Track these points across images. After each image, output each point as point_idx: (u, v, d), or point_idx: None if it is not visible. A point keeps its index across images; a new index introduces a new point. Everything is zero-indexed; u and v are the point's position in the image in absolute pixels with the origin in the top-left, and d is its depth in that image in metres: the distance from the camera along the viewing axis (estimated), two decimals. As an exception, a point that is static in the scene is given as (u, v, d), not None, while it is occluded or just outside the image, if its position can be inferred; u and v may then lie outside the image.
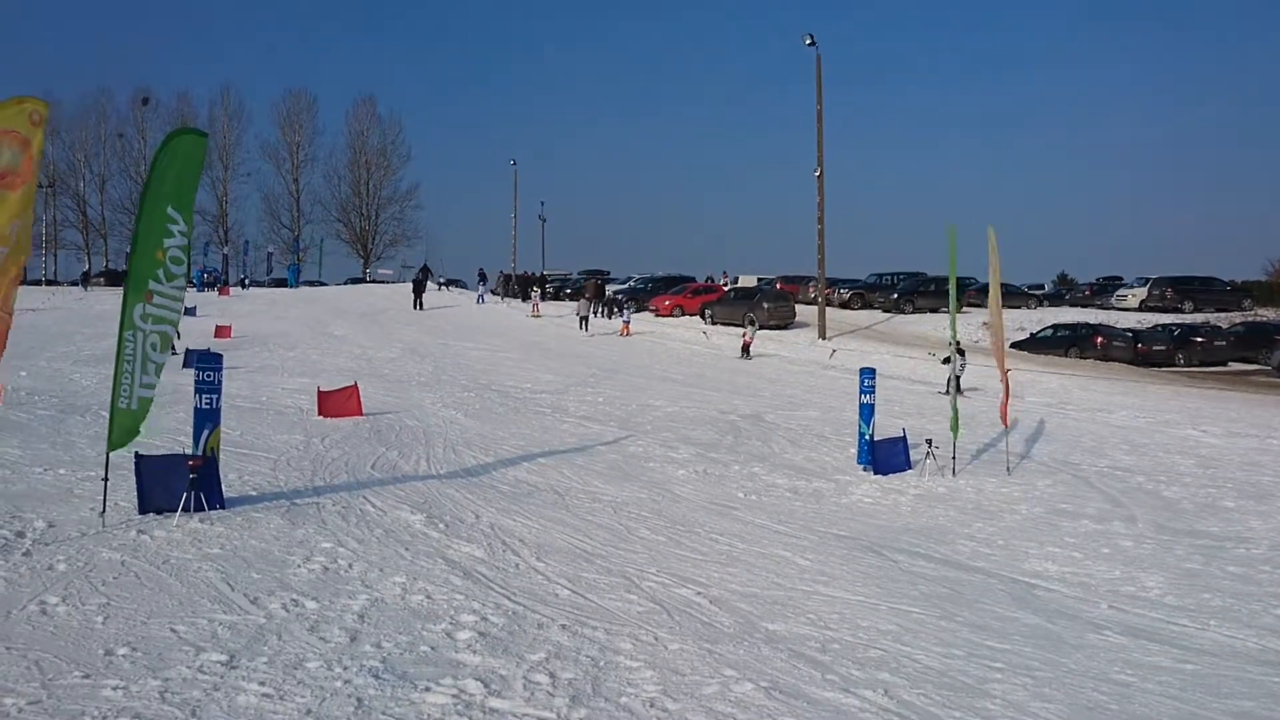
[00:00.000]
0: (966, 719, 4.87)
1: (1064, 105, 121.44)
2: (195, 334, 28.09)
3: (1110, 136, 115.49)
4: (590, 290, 39.98)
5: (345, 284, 67.25)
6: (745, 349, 29.33)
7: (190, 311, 36.61)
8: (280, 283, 66.16)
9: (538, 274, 54.45)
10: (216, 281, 57.66)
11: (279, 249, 75.55)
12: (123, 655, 5.05)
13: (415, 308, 41.88)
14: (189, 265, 8.89)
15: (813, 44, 32.97)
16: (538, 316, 40.28)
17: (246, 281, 64.30)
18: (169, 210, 8.27)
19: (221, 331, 29.53)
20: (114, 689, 4.60)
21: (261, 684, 4.76)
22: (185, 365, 20.33)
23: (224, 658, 5.08)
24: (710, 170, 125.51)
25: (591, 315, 36.97)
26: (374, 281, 67.96)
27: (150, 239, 8.19)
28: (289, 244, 76.15)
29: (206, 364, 8.62)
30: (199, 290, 53.70)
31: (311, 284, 67.73)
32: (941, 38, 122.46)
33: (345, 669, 5.02)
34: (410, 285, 46.05)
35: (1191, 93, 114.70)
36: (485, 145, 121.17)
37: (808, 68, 33.69)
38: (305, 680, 4.84)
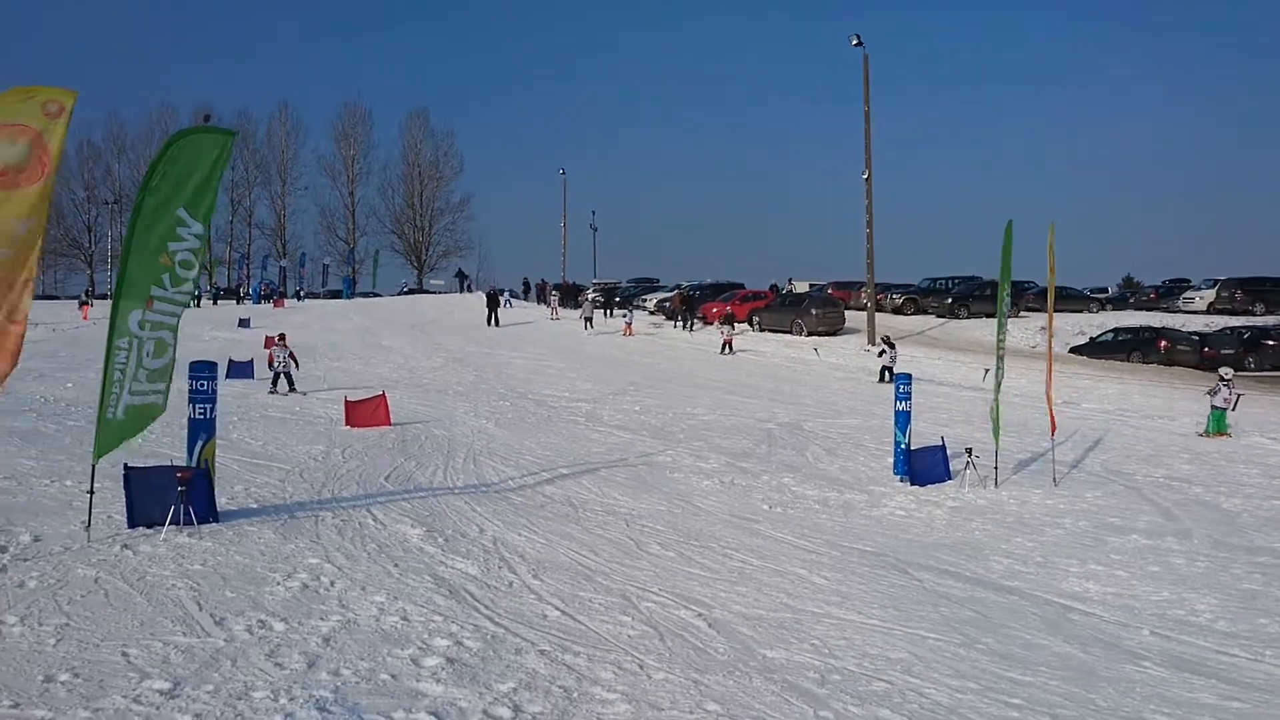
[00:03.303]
0: (973, 764, 4.34)
1: (1128, 103, 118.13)
2: (247, 345, 28.38)
3: (1177, 134, 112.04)
4: (677, 301, 39.63)
5: (402, 294, 67.85)
6: (727, 346, 30.81)
7: (245, 323, 37.22)
8: (335, 294, 67.01)
9: (566, 283, 56.32)
10: (273, 294, 58.48)
11: (335, 261, 76.60)
12: (62, 682, 4.75)
13: (490, 324, 38.37)
14: (200, 269, 8.59)
15: (859, 44, 32.26)
16: (556, 319, 42.67)
17: (302, 293, 65.17)
18: (179, 212, 7.94)
19: (270, 342, 29.71)
20: (38, 720, 4.30)
21: (196, 716, 4.41)
22: (227, 376, 20.47)
23: (167, 686, 4.75)
24: (766, 175, 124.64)
25: (675, 324, 38.20)
26: (426, 292, 68.44)
27: (151, 242, 7.87)
28: (344, 256, 77.14)
29: (200, 374, 8.37)
30: (255, 303, 54.59)
31: (366, 295, 68.46)
32: (999, 35, 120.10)
33: (291, 700, 4.65)
34: (485, 301, 41.15)
35: (1259, 85, 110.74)
36: (536, 155, 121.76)
37: (860, 70, 32.99)
38: (244, 713, 4.48)
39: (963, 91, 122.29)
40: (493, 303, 40.33)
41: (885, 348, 25.47)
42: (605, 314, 40.83)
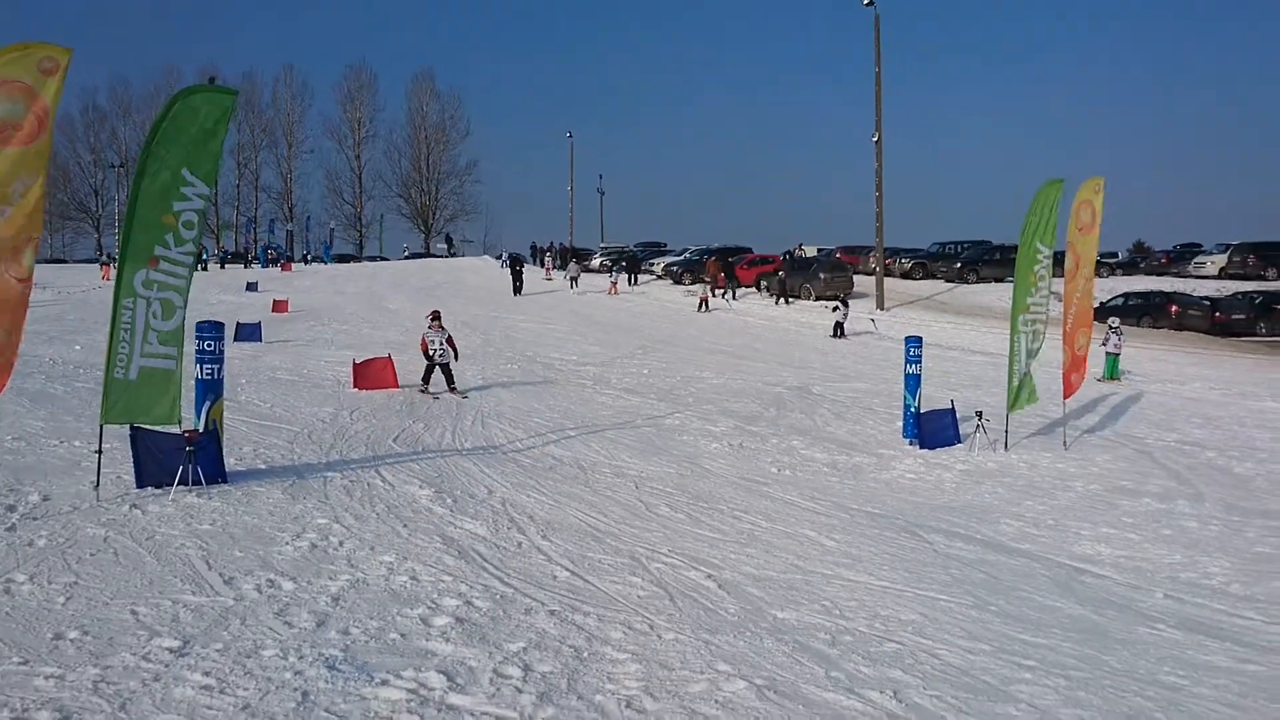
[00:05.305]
0: (986, 725, 4.31)
1: (1138, 66, 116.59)
2: (255, 308, 28.32)
3: (1188, 96, 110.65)
4: (713, 269, 38.41)
5: (404, 257, 67.66)
6: (703, 304, 32.61)
7: (252, 287, 37.16)
8: (344, 259, 66.88)
9: (567, 246, 56.70)
10: (280, 258, 58.35)
11: (341, 225, 76.37)
12: (71, 640, 4.74)
13: (516, 294, 37.16)
14: (202, 230, 8.47)
15: (871, 4, 31.78)
16: (549, 280, 44.89)
17: (309, 257, 65.02)
18: (183, 173, 7.85)
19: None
20: (47, 678, 4.28)
21: (206, 674, 4.39)
22: (235, 339, 20.44)
23: (176, 644, 4.73)
24: (775, 139, 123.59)
25: (714, 295, 35.66)
26: (434, 255, 68.30)
27: (155, 202, 7.78)
28: (351, 220, 76.91)
29: (207, 334, 8.30)
30: (263, 266, 54.53)
31: (373, 259, 68.32)
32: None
33: (301, 658, 4.63)
34: (509, 270, 40.23)
35: (1275, 48, 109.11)
36: (544, 118, 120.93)
37: (872, 30, 32.53)
38: (254, 671, 4.46)
39: (973, 55, 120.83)
40: (516, 265, 39.54)
41: (839, 305, 27.70)
42: (629, 280, 41.25)
